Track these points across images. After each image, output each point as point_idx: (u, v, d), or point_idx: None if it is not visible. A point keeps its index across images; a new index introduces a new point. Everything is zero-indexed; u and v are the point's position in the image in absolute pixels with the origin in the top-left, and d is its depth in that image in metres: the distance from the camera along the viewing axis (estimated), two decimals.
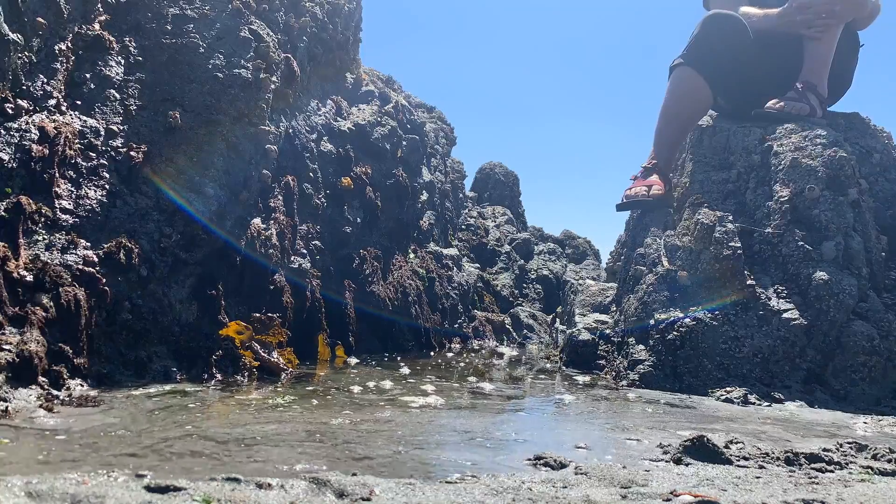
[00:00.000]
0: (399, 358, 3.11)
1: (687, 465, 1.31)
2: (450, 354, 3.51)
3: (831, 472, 1.30)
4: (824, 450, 1.46)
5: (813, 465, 1.33)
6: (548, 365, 3.13)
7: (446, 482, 1.10)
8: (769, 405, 2.18)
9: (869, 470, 1.31)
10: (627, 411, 1.98)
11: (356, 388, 2.13)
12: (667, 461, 1.34)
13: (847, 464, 1.35)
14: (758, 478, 1.22)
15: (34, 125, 2.07)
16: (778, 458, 1.36)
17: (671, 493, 1.08)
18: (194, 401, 1.75)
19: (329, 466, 1.17)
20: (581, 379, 2.68)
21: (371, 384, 2.21)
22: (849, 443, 1.52)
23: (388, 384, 2.23)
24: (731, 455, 1.37)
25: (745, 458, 1.37)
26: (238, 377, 2.21)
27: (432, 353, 3.52)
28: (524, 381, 2.66)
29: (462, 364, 3.10)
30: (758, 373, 2.39)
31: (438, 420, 1.69)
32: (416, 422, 1.63)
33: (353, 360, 2.89)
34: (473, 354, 3.59)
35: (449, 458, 1.31)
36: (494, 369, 2.99)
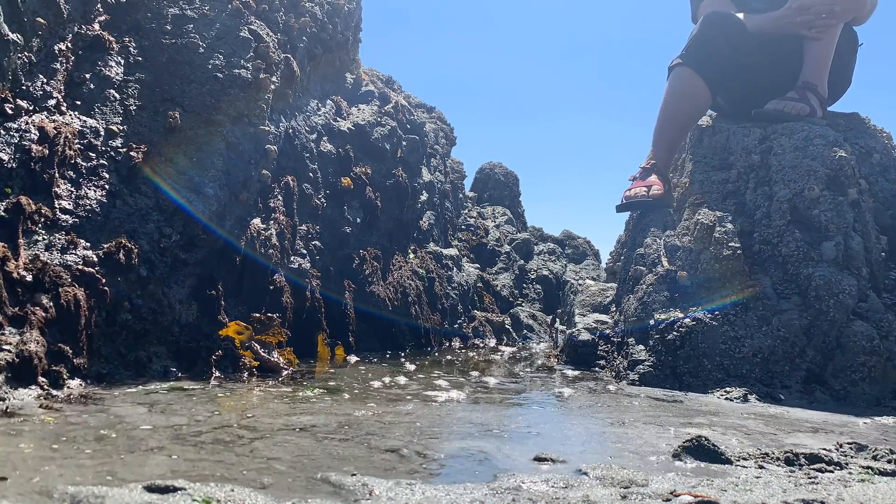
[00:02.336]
0: (400, 358, 3.10)
1: (686, 464, 1.31)
2: (450, 354, 3.51)
3: (831, 472, 1.30)
4: (824, 450, 1.46)
5: (813, 466, 1.33)
6: (547, 363, 3.13)
7: (447, 482, 1.10)
8: (768, 405, 2.19)
9: (869, 470, 1.31)
10: (624, 406, 1.98)
11: (357, 385, 2.12)
12: (666, 460, 1.34)
13: (847, 464, 1.35)
14: (757, 478, 1.22)
15: (34, 125, 2.07)
16: (778, 459, 1.36)
17: (671, 493, 1.08)
18: (193, 396, 1.75)
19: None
20: (579, 375, 2.68)
21: (376, 383, 2.21)
22: (848, 443, 1.52)
23: (389, 381, 2.23)
24: (730, 455, 1.37)
25: (745, 458, 1.37)
26: (237, 376, 2.21)
27: (433, 353, 3.52)
28: (524, 378, 2.66)
29: (463, 363, 3.10)
30: (757, 373, 2.39)
31: (445, 415, 1.69)
32: (427, 415, 1.63)
33: (353, 359, 2.89)
34: (474, 354, 3.59)
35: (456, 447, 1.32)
36: (495, 367, 2.99)
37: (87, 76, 2.36)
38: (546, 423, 1.78)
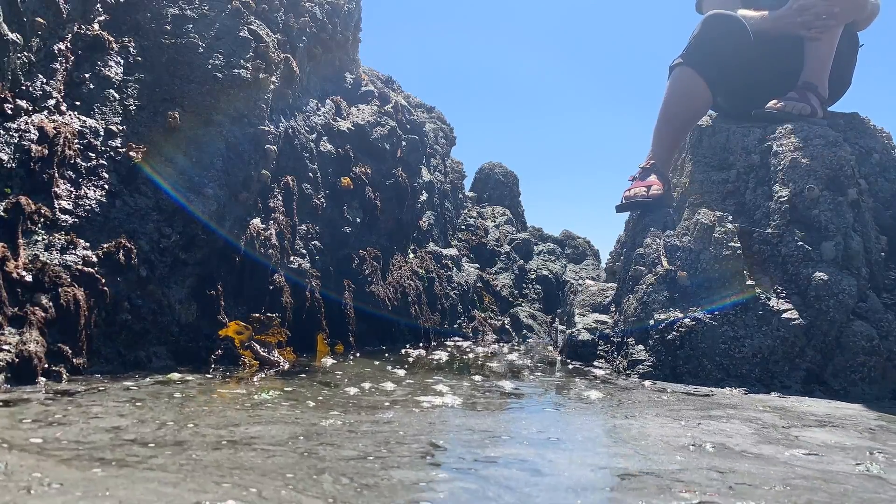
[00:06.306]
0: (399, 357, 3.10)
1: (695, 459, 1.31)
2: (449, 354, 3.51)
3: (831, 469, 1.30)
4: (825, 446, 1.46)
5: (817, 464, 1.33)
6: (547, 363, 3.13)
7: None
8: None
9: (869, 467, 1.31)
10: (632, 401, 1.97)
11: (367, 385, 2.12)
12: (673, 456, 1.34)
13: (848, 461, 1.35)
14: (760, 474, 1.22)
15: (33, 125, 2.07)
16: (783, 454, 1.36)
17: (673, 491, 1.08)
18: (194, 390, 1.75)
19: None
20: (581, 374, 2.68)
21: (382, 382, 2.20)
22: (848, 444, 1.52)
23: (390, 385, 2.23)
24: (739, 452, 1.37)
25: (747, 455, 1.37)
26: (233, 370, 2.21)
27: (433, 353, 3.52)
28: (525, 379, 2.66)
29: (462, 363, 3.10)
30: (757, 373, 2.39)
31: (448, 418, 1.69)
32: (426, 421, 1.63)
33: (353, 359, 2.89)
34: (473, 354, 3.59)
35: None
36: (494, 368, 2.99)
37: (87, 76, 2.36)
38: (549, 419, 1.77)
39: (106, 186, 2.19)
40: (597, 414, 1.88)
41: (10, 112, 2.03)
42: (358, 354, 3.03)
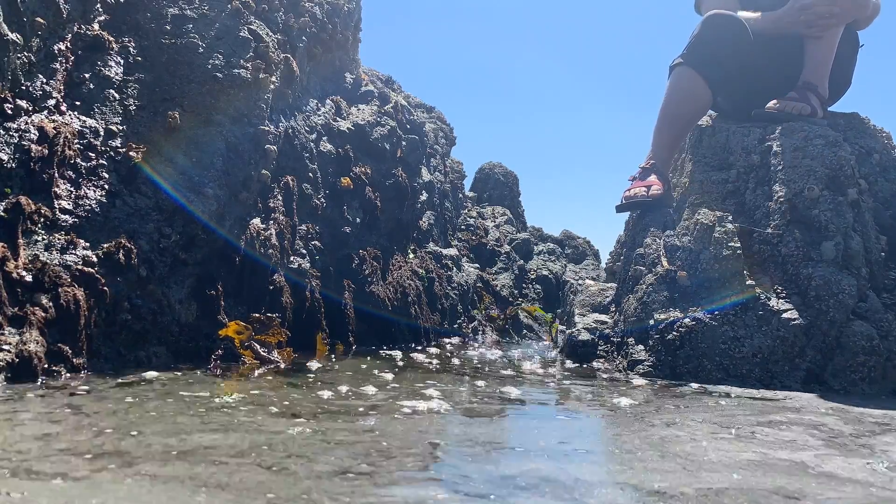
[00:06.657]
0: (399, 357, 3.10)
1: (712, 455, 1.31)
2: (450, 353, 3.52)
3: (823, 466, 1.30)
4: (824, 445, 1.46)
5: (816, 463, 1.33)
6: (547, 364, 3.13)
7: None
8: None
9: (867, 465, 1.31)
10: (671, 408, 1.97)
11: (369, 383, 2.12)
12: (686, 457, 1.34)
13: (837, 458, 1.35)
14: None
15: (33, 125, 2.07)
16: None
17: (680, 493, 1.08)
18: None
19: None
20: (584, 375, 2.68)
21: (382, 379, 2.20)
22: (839, 439, 1.51)
23: (391, 381, 2.23)
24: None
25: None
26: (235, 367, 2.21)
27: (432, 353, 3.51)
28: (525, 381, 2.66)
29: (464, 360, 3.10)
30: (757, 373, 2.39)
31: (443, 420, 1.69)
32: (427, 415, 1.63)
33: (353, 359, 2.89)
34: (472, 354, 3.59)
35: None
36: (494, 369, 2.98)
37: (87, 76, 2.36)
38: (550, 421, 1.77)
39: (106, 186, 2.19)
40: (625, 416, 1.88)
41: (10, 112, 2.03)
42: (358, 354, 3.03)
